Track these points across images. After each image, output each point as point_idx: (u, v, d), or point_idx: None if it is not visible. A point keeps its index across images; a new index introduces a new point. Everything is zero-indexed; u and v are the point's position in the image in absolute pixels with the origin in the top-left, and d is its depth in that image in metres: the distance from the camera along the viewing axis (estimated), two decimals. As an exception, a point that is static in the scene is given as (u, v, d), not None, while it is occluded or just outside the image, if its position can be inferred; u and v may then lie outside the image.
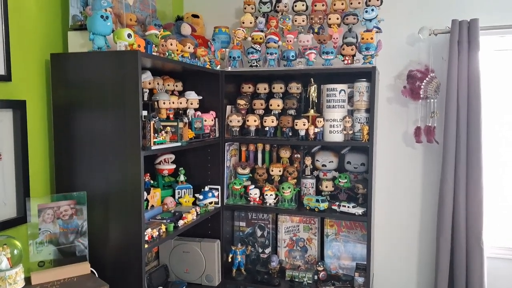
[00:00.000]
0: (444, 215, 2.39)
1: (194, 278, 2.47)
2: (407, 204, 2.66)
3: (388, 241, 2.71)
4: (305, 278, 2.48)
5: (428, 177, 2.60)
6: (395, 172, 2.66)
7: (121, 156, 1.69)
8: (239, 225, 2.74)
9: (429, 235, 2.60)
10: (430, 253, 2.60)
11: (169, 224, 1.98)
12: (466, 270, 2.38)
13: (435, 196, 2.50)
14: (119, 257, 1.75)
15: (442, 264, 2.41)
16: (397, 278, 2.71)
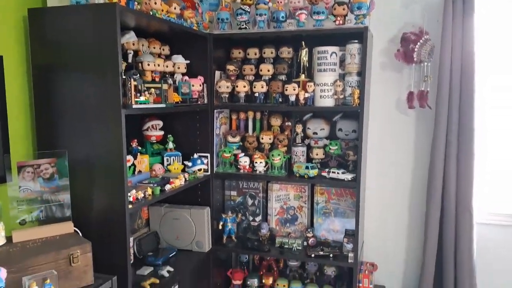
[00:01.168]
0: (435, 181, 2.37)
1: (185, 245, 2.47)
2: (398, 171, 2.64)
3: (378, 209, 2.70)
4: (295, 245, 2.48)
5: (420, 144, 2.57)
6: (386, 139, 2.63)
7: (103, 115, 1.66)
8: (230, 194, 2.73)
9: (419, 202, 2.59)
10: (420, 220, 2.59)
11: (156, 188, 1.96)
12: (455, 236, 2.38)
13: (427, 163, 2.48)
14: (103, 217, 1.74)
15: (431, 230, 2.41)
16: (386, 245, 2.72)
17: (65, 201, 1.65)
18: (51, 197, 1.63)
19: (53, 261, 1.47)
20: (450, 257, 2.41)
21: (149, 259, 2.27)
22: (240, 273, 2.75)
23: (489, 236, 2.50)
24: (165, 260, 2.30)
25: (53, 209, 1.64)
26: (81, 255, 1.53)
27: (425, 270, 2.47)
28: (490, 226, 2.51)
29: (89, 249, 1.56)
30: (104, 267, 1.67)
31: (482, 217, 2.50)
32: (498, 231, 2.50)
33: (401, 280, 2.72)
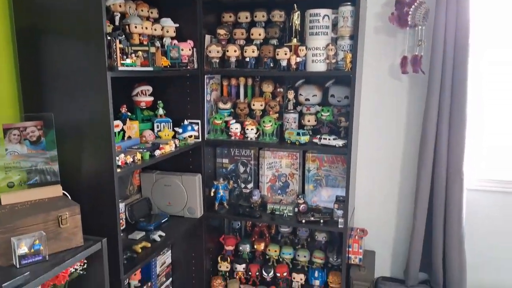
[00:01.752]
0: (426, 147, 2.38)
1: (177, 211, 2.49)
2: (390, 137, 2.65)
3: (370, 175, 2.72)
4: (286, 211, 2.50)
5: (413, 110, 2.57)
6: (379, 105, 2.62)
7: (88, 78, 1.63)
8: (222, 162, 2.73)
9: (411, 168, 2.60)
10: (411, 186, 2.61)
11: (145, 153, 1.96)
12: (445, 202, 2.40)
13: (419, 129, 2.48)
14: (92, 181, 1.74)
15: (422, 196, 2.43)
16: (377, 211, 2.75)
17: (53, 164, 1.64)
18: (38, 160, 1.62)
19: (42, 222, 1.48)
20: (439, 222, 2.44)
21: (141, 225, 2.29)
22: (233, 239, 2.78)
23: (479, 202, 2.53)
24: (157, 225, 2.32)
25: (41, 172, 1.64)
26: (69, 217, 1.54)
27: (414, 236, 2.50)
28: (479, 192, 2.53)
29: (77, 211, 1.56)
30: (95, 231, 1.68)
31: (472, 184, 2.52)
32: (487, 197, 2.53)
33: (391, 245, 2.77)
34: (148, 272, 2.43)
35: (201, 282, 2.63)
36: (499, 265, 2.56)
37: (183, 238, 2.59)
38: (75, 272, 1.63)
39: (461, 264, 2.44)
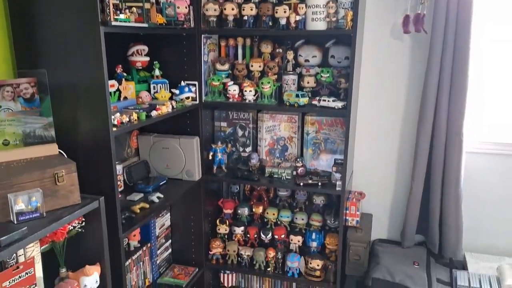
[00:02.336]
0: (427, 109, 2.35)
1: (175, 174, 2.49)
2: (390, 99, 2.62)
3: (369, 138, 2.71)
4: (284, 174, 2.50)
5: (414, 71, 2.53)
6: (380, 66, 2.58)
7: (81, 34, 1.59)
8: (220, 125, 2.71)
9: (410, 131, 2.59)
10: (410, 149, 2.60)
11: (141, 113, 1.94)
12: (444, 164, 2.40)
13: (420, 90, 2.44)
14: (87, 141, 1.72)
15: (421, 158, 2.43)
16: (376, 174, 2.75)
17: (48, 122, 1.63)
18: (33, 118, 1.60)
19: (38, 179, 1.47)
20: (437, 185, 2.44)
21: (139, 187, 2.29)
22: (231, 203, 2.80)
23: (477, 165, 2.53)
24: (155, 187, 2.33)
25: (36, 131, 1.62)
26: (66, 175, 1.53)
27: (412, 198, 2.52)
28: (478, 154, 2.53)
29: (74, 168, 1.56)
30: (92, 191, 1.68)
31: (471, 146, 2.51)
32: (486, 160, 2.53)
33: (389, 208, 2.79)
34: (148, 234, 2.46)
35: (200, 244, 2.66)
36: (495, 228, 2.59)
37: (182, 201, 2.61)
38: (74, 230, 1.64)
39: (458, 226, 2.46)
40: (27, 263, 1.48)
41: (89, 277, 1.63)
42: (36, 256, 1.54)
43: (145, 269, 2.43)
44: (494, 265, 2.36)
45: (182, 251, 2.72)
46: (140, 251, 2.36)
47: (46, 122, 1.62)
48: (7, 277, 1.41)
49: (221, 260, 2.71)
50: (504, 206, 2.55)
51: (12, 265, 1.44)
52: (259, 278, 2.85)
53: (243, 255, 2.66)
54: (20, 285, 1.45)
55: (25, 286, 1.48)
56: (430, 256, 2.52)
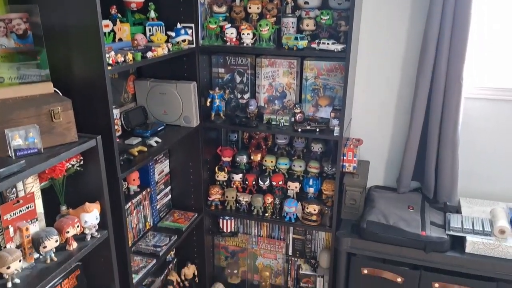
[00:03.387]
0: (427, 53, 2.32)
1: (172, 120, 2.49)
2: (391, 45, 2.58)
3: (368, 85, 2.69)
4: (282, 121, 2.50)
5: (416, 15, 2.47)
6: (381, 9, 2.52)
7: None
8: (218, 71, 2.69)
9: (410, 77, 2.56)
10: (409, 97, 2.58)
11: (137, 53, 1.91)
12: (442, 109, 2.39)
13: (421, 35, 2.39)
14: (82, 81, 1.71)
15: (419, 103, 2.41)
16: (374, 121, 2.75)
17: (42, 60, 1.61)
18: (27, 55, 1.59)
19: (34, 115, 1.48)
20: (435, 131, 2.44)
21: (137, 131, 2.30)
22: (230, 151, 2.82)
23: (476, 111, 2.52)
24: (153, 132, 2.34)
25: (31, 69, 1.61)
26: (62, 112, 1.54)
27: (409, 144, 2.53)
28: (478, 100, 2.51)
29: (69, 106, 1.56)
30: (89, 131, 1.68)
31: (470, 92, 2.49)
32: (485, 106, 2.52)
33: (386, 156, 2.80)
34: (147, 179, 2.49)
35: (199, 190, 2.70)
36: (490, 173, 2.62)
37: (180, 148, 2.63)
38: (72, 168, 1.67)
39: (453, 171, 2.48)
40: (27, 197, 1.51)
41: (89, 214, 1.67)
42: (36, 192, 1.57)
43: (145, 213, 2.48)
44: (487, 209, 2.41)
45: (181, 197, 2.76)
46: (140, 195, 2.40)
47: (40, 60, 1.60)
48: (8, 210, 1.45)
49: (220, 206, 2.77)
50: (500, 152, 2.57)
51: (12, 199, 1.47)
52: (257, 223, 2.92)
53: (241, 201, 2.71)
54: (21, 218, 1.50)
55: (27, 220, 1.52)
56: (425, 201, 2.56)
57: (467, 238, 2.18)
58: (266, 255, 2.93)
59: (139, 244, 2.36)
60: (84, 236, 1.70)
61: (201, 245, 2.82)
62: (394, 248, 2.24)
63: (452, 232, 2.22)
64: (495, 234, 2.18)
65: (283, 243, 2.88)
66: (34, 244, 1.52)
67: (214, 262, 3.02)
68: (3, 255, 1.38)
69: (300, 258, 2.87)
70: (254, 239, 2.93)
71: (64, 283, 1.75)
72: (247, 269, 2.97)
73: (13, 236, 1.48)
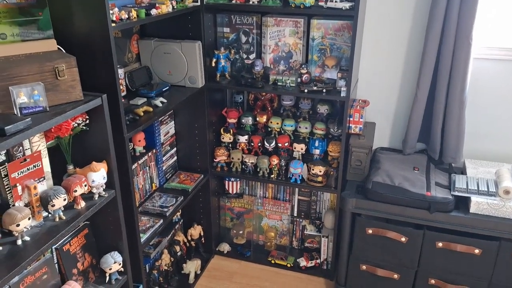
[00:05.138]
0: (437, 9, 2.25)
1: (177, 80, 2.46)
2: (399, 3, 2.50)
3: (376, 46, 2.63)
4: (288, 81, 2.47)
5: (426, -28, 2.40)
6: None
7: None
8: (223, 31, 2.63)
9: (419, 36, 2.50)
10: (417, 57, 2.53)
11: (141, 10, 1.87)
12: (451, 68, 2.34)
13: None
14: (87, 39, 1.68)
15: (428, 62, 2.37)
16: (381, 82, 2.71)
17: (45, 16, 1.58)
18: (30, 12, 1.55)
19: (38, 73, 1.46)
20: (442, 91, 2.41)
21: (142, 92, 2.28)
22: (235, 112, 2.80)
23: (485, 71, 2.48)
24: (158, 92, 2.32)
25: (33, 25, 1.58)
26: (66, 69, 1.52)
27: (416, 106, 2.49)
28: (487, 61, 2.46)
29: (74, 63, 1.54)
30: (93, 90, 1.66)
31: (479, 52, 2.43)
32: (494, 66, 2.47)
33: (392, 118, 2.78)
34: (153, 140, 2.50)
35: (205, 151, 2.71)
36: (497, 135, 2.60)
37: (186, 109, 2.61)
38: (78, 127, 1.66)
39: (459, 132, 2.46)
40: (34, 156, 1.52)
41: (96, 173, 1.68)
42: (42, 150, 1.57)
43: (151, 174, 2.50)
44: (492, 170, 2.40)
45: (187, 159, 2.78)
46: (146, 156, 2.41)
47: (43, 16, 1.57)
48: (15, 168, 1.45)
49: (226, 167, 2.78)
50: (508, 113, 2.54)
51: (19, 157, 1.48)
52: (262, 184, 2.94)
53: (247, 163, 2.72)
54: (28, 177, 1.51)
55: (34, 178, 1.53)
56: (430, 162, 2.56)
57: (472, 199, 2.19)
58: (271, 216, 2.96)
59: (146, 204, 2.39)
60: (91, 195, 1.72)
61: (207, 206, 2.85)
62: (399, 208, 2.25)
63: (457, 193, 2.23)
64: (499, 195, 2.18)
65: (288, 204, 2.91)
66: (42, 202, 1.54)
67: (220, 223, 3.06)
68: (12, 212, 1.40)
69: (305, 219, 2.91)
70: (260, 200, 2.96)
71: (73, 241, 1.79)
72: (252, 230, 3.01)
73: (21, 195, 1.49)
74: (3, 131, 1.27)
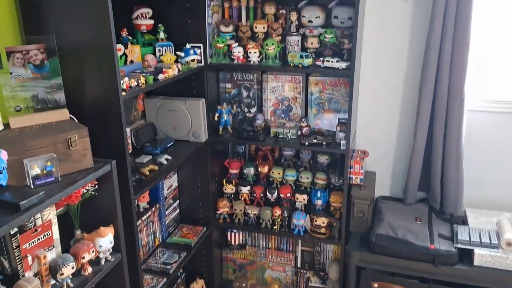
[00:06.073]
0: (429, 67, 2.36)
1: (181, 136, 2.52)
2: (393, 60, 2.61)
3: (372, 97, 2.72)
4: (289, 134, 2.53)
5: (416, 30, 2.51)
6: (383, 27, 2.56)
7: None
8: (225, 86, 2.72)
9: (413, 90, 2.60)
10: (412, 109, 2.61)
11: (149, 76, 1.95)
12: (446, 121, 2.42)
13: (422, 50, 2.43)
14: (97, 106, 1.74)
15: (423, 116, 2.45)
16: (379, 133, 2.78)
17: (58, 87, 1.64)
18: (44, 84, 1.62)
19: (51, 144, 1.51)
20: (439, 142, 2.48)
21: (147, 149, 2.33)
22: (237, 163, 2.85)
23: (480, 123, 2.56)
24: (163, 149, 2.37)
25: (47, 96, 1.64)
26: (78, 139, 1.57)
27: (414, 155, 2.55)
28: (481, 113, 2.55)
29: (86, 133, 1.59)
30: (103, 154, 1.71)
31: (474, 105, 2.53)
32: (488, 118, 2.55)
33: (391, 166, 2.83)
34: (156, 195, 2.53)
35: (207, 203, 2.73)
36: (495, 184, 2.64)
37: (189, 162, 2.65)
38: (87, 193, 1.70)
39: (458, 182, 2.51)
40: (44, 225, 1.54)
41: (103, 238, 1.70)
42: (52, 219, 1.60)
43: (154, 229, 2.51)
44: (493, 219, 2.44)
45: (190, 211, 2.79)
46: (150, 212, 2.43)
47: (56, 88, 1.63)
48: (27, 239, 1.48)
49: (228, 219, 2.79)
50: (504, 163, 2.60)
51: (31, 228, 1.50)
52: (265, 236, 2.94)
53: (249, 214, 2.73)
54: (39, 246, 1.53)
55: (44, 247, 1.55)
56: (431, 212, 2.59)
57: (475, 251, 2.21)
58: (274, 267, 2.96)
59: (149, 261, 2.39)
60: (98, 260, 1.73)
61: (209, 259, 2.85)
62: (404, 262, 2.27)
63: (460, 245, 2.25)
64: (502, 247, 2.21)
65: (292, 255, 2.91)
66: (51, 271, 1.54)
67: (223, 275, 3.05)
68: (23, 284, 1.41)
69: (309, 270, 2.90)
70: (263, 251, 2.96)
71: (79, 305, 1.78)
72: (255, 282, 2.99)
73: (31, 265, 1.51)
74: (18, 207, 1.30)
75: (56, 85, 1.64)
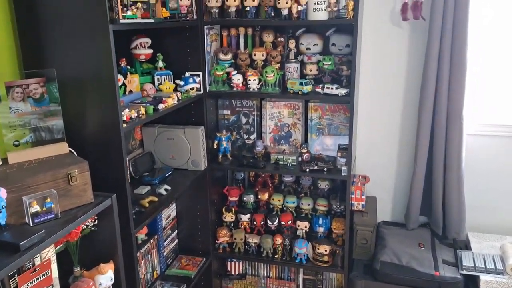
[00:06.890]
0: (427, 92, 2.38)
1: (180, 164, 2.49)
2: (391, 84, 2.64)
3: (371, 123, 2.73)
4: (289, 160, 2.51)
5: (414, 56, 2.54)
6: (380, 53, 2.59)
7: (90, 31, 1.57)
8: (224, 113, 2.71)
9: (412, 115, 2.61)
10: (412, 133, 2.61)
11: (149, 107, 1.93)
12: (445, 146, 2.43)
13: (420, 75, 2.46)
14: (97, 138, 1.72)
15: (422, 141, 2.46)
16: (379, 158, 2.78)
17: (58, 121, 1.61)
18: (43, 117, 1.59)
19: (51, 180, 1.47)
20: (439, 167, 2.47)
21: (146, 179, 2.29)
22: (236, 190, 2.81)
23: (479, 147, 2.57)
24: (161, 179, 2.33)
25: (46, 130, 1.61)
26: (79, 174, 1.53)
27: (415, 180, 2.55)
28: (480, 137, 2.56)
29: (86, 168, 1.55)
30: (103, 187, 1.67)
31: (473, 129, 2.54)
32: (488, 142, 2.56)
33: (392, 191, 2.82)
34: (154, 226, 2.47)
35: (207, 233, 2.68)
36: (496, 208, 2.64)
37: (188, 191, 2.61)
38: (87, 229, 1.65)
39: (460, 207, 2.50)
40: (43, 264, 1.49)
41: (104, 275, 1.65)
42: (51, 257, 1.54)
43: (153, 261, 2.45)
44: (496, 244, 2.42)
45: (188, 241, 2.73)
46: (148, 244, 2.38)
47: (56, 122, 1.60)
48: (26, 279, 1.42)
49: (228, 248, 2.74)
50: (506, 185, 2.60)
51: (29, 267, 1.45)
52: (265, 265, 2.88)
53: (250, 243, 2.68)
54: (38, 286, 1.47)
55: (43, 287, 1.49)
56: (434, 237, 2.57)
57: (481, 277, 2.18)
58: (276, 296, 2.89)
59: (148, 296, 2.33)
60: (98, 298, 1.67)
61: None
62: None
63: (465, 272, 2.22)
64: (507, 272, 2.18)
65: (294, 284, 2.85)
66: (51, 311, 1.49)
67: (223, 305, 2.97)
68: (23, 326, 1.35)
69: (311, 299, 2.84)
70: (263, 280, 2.89)
71: None
72: (257, 311, 2.92)
73: (30, 305, 1.45)
74: (17, 247, 1.26)
75: (56, 118, 1.61)
